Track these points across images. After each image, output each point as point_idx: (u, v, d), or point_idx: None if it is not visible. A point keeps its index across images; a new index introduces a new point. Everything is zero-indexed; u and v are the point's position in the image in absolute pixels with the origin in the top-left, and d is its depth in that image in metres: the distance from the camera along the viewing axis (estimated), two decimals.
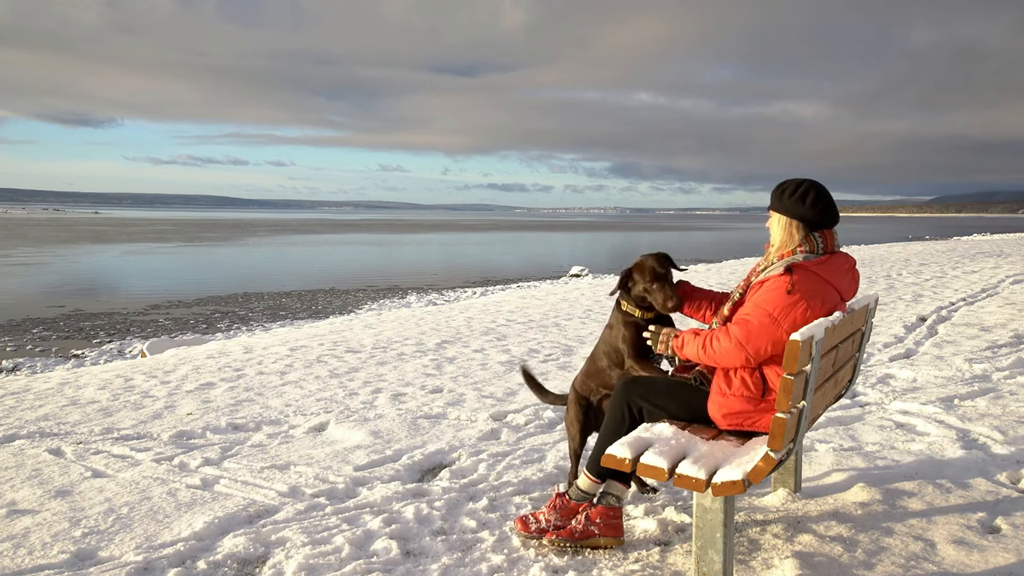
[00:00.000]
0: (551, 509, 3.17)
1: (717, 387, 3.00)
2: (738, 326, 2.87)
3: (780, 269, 2.90)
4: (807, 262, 2.91)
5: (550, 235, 77.38)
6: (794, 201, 2.95)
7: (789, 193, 2.97)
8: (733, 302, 3.07)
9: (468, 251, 46.82)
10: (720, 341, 2.89)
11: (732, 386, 2.94)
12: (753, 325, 2.83)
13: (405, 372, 7.02)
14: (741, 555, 3.05)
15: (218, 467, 4.29)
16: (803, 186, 2.97)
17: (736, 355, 2.85)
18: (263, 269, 31.31)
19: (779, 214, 3.00)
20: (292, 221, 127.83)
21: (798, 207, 2.95)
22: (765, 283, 2.91)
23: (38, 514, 3.62)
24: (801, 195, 2.95)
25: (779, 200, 2.99)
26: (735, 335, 2.85)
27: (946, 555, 2.99)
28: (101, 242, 51.01)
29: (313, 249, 46.01)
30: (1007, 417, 4.84)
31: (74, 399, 6.31)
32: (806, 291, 2.83)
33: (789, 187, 2.99)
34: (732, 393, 2.94)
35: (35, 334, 14.62)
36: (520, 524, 3.18)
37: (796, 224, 2.97)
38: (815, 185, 2.99)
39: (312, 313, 17.41)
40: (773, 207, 3.03)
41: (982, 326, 8.42)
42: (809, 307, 2.82)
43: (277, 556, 3.14)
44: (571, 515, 3.14)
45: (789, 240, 2.98)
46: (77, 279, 26.26)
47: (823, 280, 2.92)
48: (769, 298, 2.84)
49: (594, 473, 3.15)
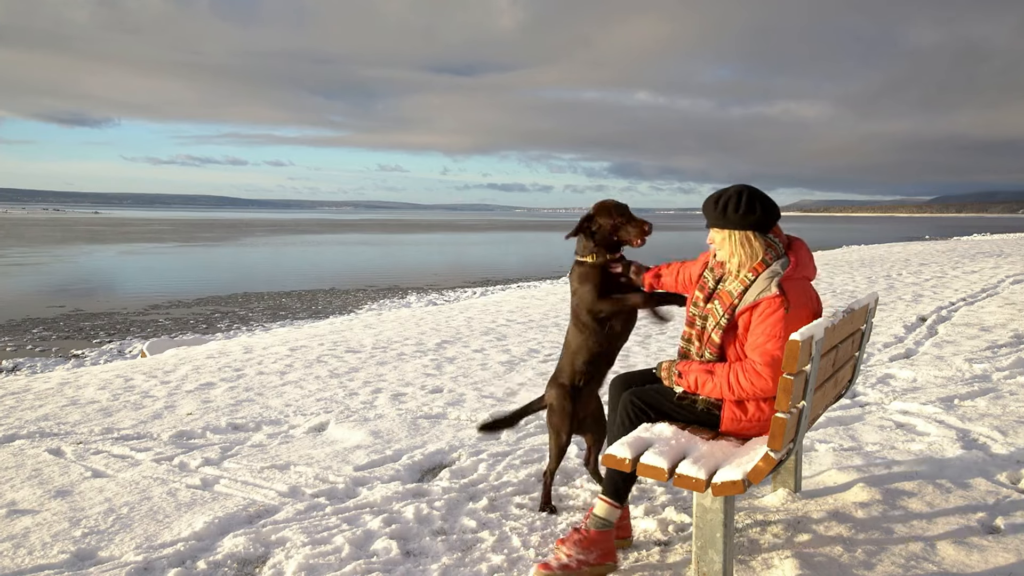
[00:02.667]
0: (572, 544, 2.96)
1: (732, 415, 2.95)
2: (765, 364, 2.79)
3: (773, 289, 2.82)
4: (788, 271, 2.87)
5: (550, 235, 77.36)
6: (741, 215, 2.87)
7: (733, 207, 2.87)
8: (721, 328, 2.92)
9: (468, 251, 46.81)
10: (752, 381, 2.80)
11: (748, 413, 2.93)
12: (777, 355, 2.76)
13: (405, 372, 7.02)
14: (741, 555, 3.05)
15: (218, 467, 4.29)
16: (742, 195, 2.89)
17: (772, 388, 2.79)
18: (263, 269, 31.31)
19: (729, 230, 2.90)
20: (292, 221, 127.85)
21: (748, 219, 2.87)
22: (760, 306, 2.83)
23: (38, 514, 3.62)
24: (747, 206, 2.87)
25: (723, 217, 2.89)
26: (766, 373, 2.78)
27: (946, 555, 2.99)
28: (101, 242, 51.01)
29: (313, 249, 46.01)
30: (1007, 417, 4.84)
31: (74, 399, 6.31)
32: (798, 300, 2.84)
33: (730, 201, 2.88)
34: (748, 419, 2.93)
35: (35, 334, 14.62)
36: (543, 568, 2.95)
37: (752, 234, 2.89)
38: (749, 188, 2.92)
39: (312, 313, 17.41)
40: (717, 224, 2.93)
41: (982, 326, 8.42)
42: (804, 313, 2.84)
43: (277, 556, 3.14)
44: (592, 545, 2.95)
45: (752, 253, 2.90)
46: (77, 279, 26.25)
47: (803, 280, 2.93)
48: (775, 323, 2.79)
49: (612, 495, 2.99)
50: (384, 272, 29.43)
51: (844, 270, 17.30)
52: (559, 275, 25.57)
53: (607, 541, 2.99)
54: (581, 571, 2.92)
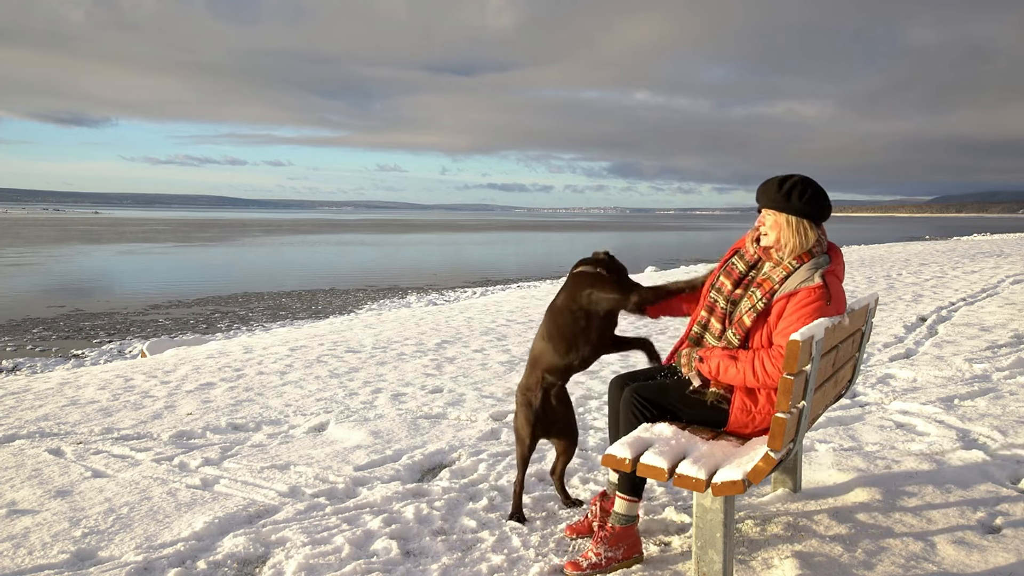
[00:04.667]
0: (599, 542, 2.98)
1: (742, 404, 2.94)
2: None
3: (816, 279, 2.83)
4: (831, 267, 2.90)
5: (550, 235, 77.37)
6: (805, 202, 2.87)
7: (799, 193, 2.87)
8: (756, 312, 2.90)
9: (468, 251, 46.81)
10: (779, 367, 2.76)
11: (759, 404, 2.92)
12: None
13: (405, 372, 7.02)
14: (741, 555, 3.05)
15: (218, 467, 4.29)
16: (808, 184, 2.90)
17: None
18: (263, 269, 31.30)
19: (787, 214, 2.89)
20: (292, 221, 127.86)
21: (809, 206, 2.87)
22: (799, 295, 2.83)
23: (38, 514, 3.62)
24: (812, 195, 2.88)
25: (787, 201, 2.87)
26: None
27: (946, 555, 2.99)
28: (101, 242, 51.01)
29: (313, 249, 46.01)
30: (1007, 417, 4.84)
31: (74, 399, 6.31)
32: (837, 297, 2.86)
33: (796, 187, 2.88)
34: (758, 411, 2.92)
35: (35, 334, 14.62)
36: (572, 567, 2.97)
37: (808, 223, 2.90)
38: (814, 182, 2.93)
39: (312, 313, 17.41)
40: (777, 207, 2.90)
41: (982, 326, 8.42)
42: (838, 312, 2.86)
43: (277, 556, 3.14)
44: (619, 541, 2.98)
45: (804, 241, 2.90)
46: (77, 279, 26.25)
47: (839, 280, 2.96)
48: (813, 312, 2.78)
49: (628, 492, 3.00)
50: (384, 272, 29.44)
51: (844, 270, 17.28)
52: (559, 275, 25.57)
53: (632, 535, 3.02)
54: (611, 568, 2.95)
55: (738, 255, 3.11)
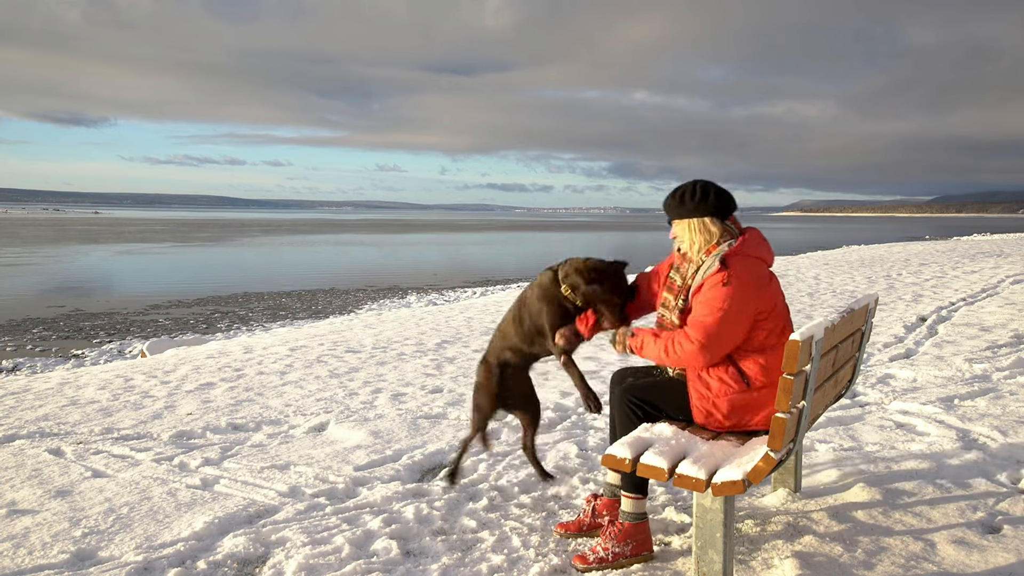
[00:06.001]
0: (608, 537, 3.02)
1: (696, 392, 3.02)
2: (695, 329, 2.90)
3: (716, 264, 2.93)
4: (732, 248, 2.97)
5: (550, 235, 77.38)
6: (697, 202, 3.01)
7: (690, 195, 3.03)
8: (680, 310, 3.06)
9: (468, 251, 46.80)
10: (683, 345, 2.92)
11: (712, 388, 2.97)
12: (709, 325, 2.87)
13: (405, 372, 7.02)
14: (741, 555, 3.05)
15: (218, 467, 4.29)
16: (697, 186, 3.04)
17: (699, 357, 2.90)
18: (263, 269, 31.30)
19: (687, 219, 3.04)
20: (291, 221, 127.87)
21: (703, 206, 3.01)
22: (705, 282, 2.94)
23: (38, 514, 3.62)
24: (701, 194, 3.02)
25: (681, 207, 3.04)
26: (695, 338, 2.89)
27: (946, 555, 2.99)
28: (101, 242, 51.02)
29: (313, 249, 46.01)
30: (1007, 417, 4.84)
31: (74, 399, 6.31)
32: (742, 274, 2.90)
33: (686, 192, 3.04)
34: (716, 396, 2.97)
35: (35, 334, 14.62)
36: (579, 560, 3.01)
37: (709, 220, 3.02)
38: (704, 181, 3.06)
39: (312, 313, 17.40)
40: (676, 215, 3.06)
41: (982, 326, 8.42)
42: (752, 288, 2.90)
43: (277, 556, 3.14)
44: (628, 537, 3.01)
45: (709, 236, 3.03)
46: (77, 279, 26.25)
47: (751, 257, 2.99)
48: (714, 295, 2.89)
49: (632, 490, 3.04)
50: (384, 272, 29.43)
51: (844, 270, 17.31)
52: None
53: (642, 532, 3.05)
54: (618, 563, 2.98)
55: (675, 270, 3.21)
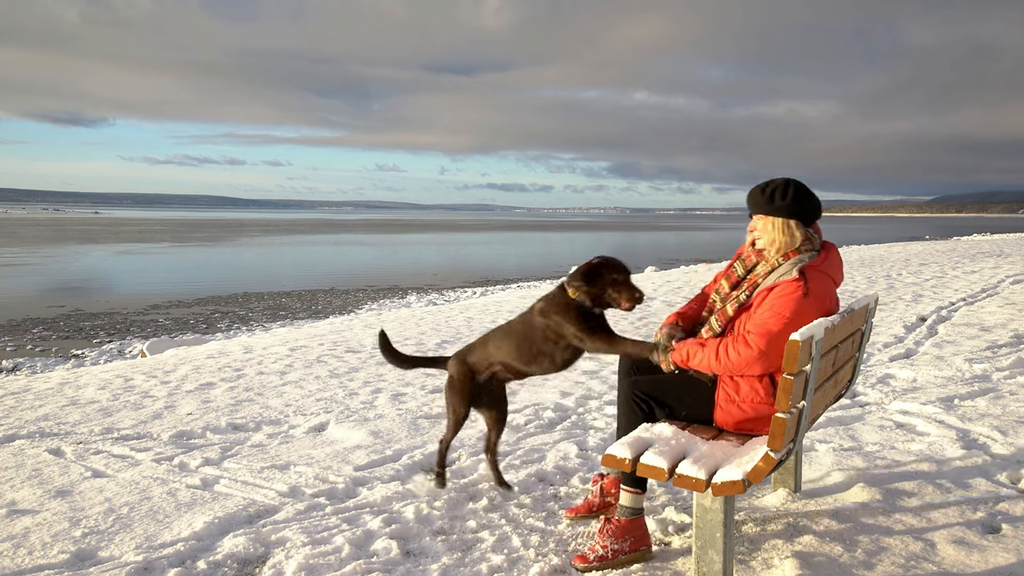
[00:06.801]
0: (606, 535, 3.01)
1: (725, 395, 2.99)
2: (758, 335, 2.84)
3: (794, 273, 2.90)
4: (814, 262, 2.95)
5: (549, 235, 77.37)
6: (788, 202, 2.96)
7: (780, 194, 2.97)
8: (739, 303, 3.02)
9: (468, 251, 46.80)
10: (739, 351, 2.85)
11: (741, 392, 2.95)
12: (774, 332, 2.82)
13: (405, 372, 7.01)
14: (741, 555, 3.05)
15: (218, 467, 4.29)
16: (789, 185, 2.99)
17: (756, 363, 2.84)
18: (263, 269, 31.30)
19: (773, 216, 2.98)
20: (291, 221, 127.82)
21: (793, 206, 2.96)
22: (777, 288, 2.90)
23: (38, 514, 3.62)
24: (794, 194, 2.97)
25: (770, 203, 2.98)
26: (756, 344, 2.83)
27: (946, 555, 2.99)
28: (101, 242, 51.00)
29: (313, 249, 46.01)
30: (1007, 417, 4.84)
31: (74, 399, 6.31)
32: (817, 291, 2.89)
33: (777, 189, 2.98)
34: (742, 400, 2.95)
35: (35, 334, 14.62)
36: (579, 559, 3.00)
37: (794, 223, 2.98)
38: (796, 182, 3.02)
39: (312, 313, 17.40)
40: (763, 211, 3.01)
41: (982, 326, 8.42)
42: (819, 307, 2.88)
43: (277, 556, 3.14)
44: (625, 533, 3.01)
45: (791, 240, 2.98)
46: (77, 279, 26.25)
47: (827, 276, 2.99)
48: (786, 303, 2.84)
49: (632, 484, 3.04)
50: (384, 272, 29.43)
51: (844, 270, 17.29)
52: (559, 275, 25.56)
53: (639, 528, 3.05)
54: (617, 560, 2.97)
55: (739, 260, 3.20)
